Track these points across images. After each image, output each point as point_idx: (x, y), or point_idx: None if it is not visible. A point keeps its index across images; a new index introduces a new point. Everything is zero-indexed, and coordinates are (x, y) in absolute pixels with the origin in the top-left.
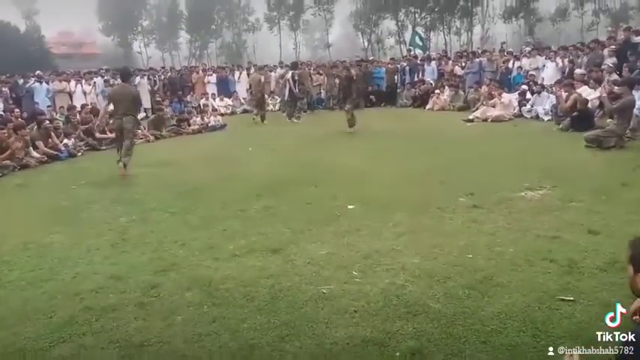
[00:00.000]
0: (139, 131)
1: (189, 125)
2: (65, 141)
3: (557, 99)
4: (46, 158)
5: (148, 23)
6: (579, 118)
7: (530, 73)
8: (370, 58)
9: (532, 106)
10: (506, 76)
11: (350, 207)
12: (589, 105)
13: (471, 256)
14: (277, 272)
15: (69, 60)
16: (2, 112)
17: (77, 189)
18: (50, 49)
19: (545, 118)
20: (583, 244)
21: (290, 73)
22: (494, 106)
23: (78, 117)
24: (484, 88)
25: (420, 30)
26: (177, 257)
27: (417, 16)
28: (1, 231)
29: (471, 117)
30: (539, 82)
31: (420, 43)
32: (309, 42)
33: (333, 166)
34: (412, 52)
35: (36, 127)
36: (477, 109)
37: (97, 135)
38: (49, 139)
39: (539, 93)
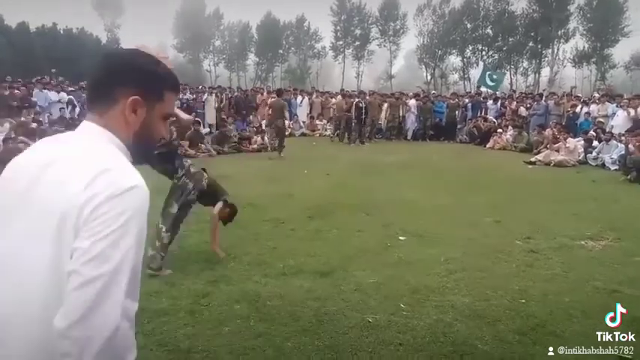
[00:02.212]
0: (204, 145)
1: (250, 144)
2: None
3: (627, 148)
4: None
5: (220, 43)
6: None
7: (598, 120)
8: (432, 92)
9: (598, 154)
10: (572, 121)
11: (401, 238)
12: None
13: (524, 301)
14: (324, 295)
15: None
16: (77, 117)
17: None
18: None
19: (612, 168)
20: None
21: (356, 100)
22: (558, 151)
23: None
24: (548, 131)
25: (488, 66)
26: (228, 269)
27: (483, 53)
28: None
29: (533, 159)
30: (607, 129)
31: (491, 83)
32: (372, 72)
33: (386, 196)
34: (485, 90)
35: None
36: (539, 151)
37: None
38: None
39: (607, 141)
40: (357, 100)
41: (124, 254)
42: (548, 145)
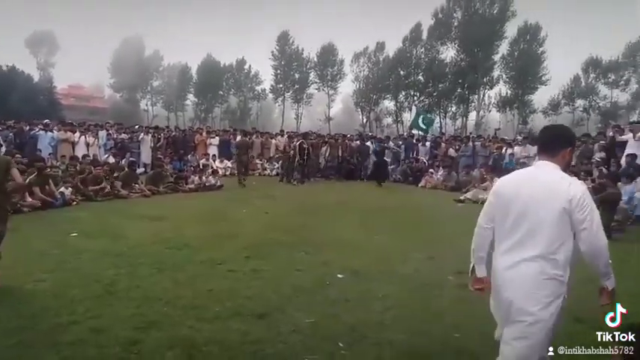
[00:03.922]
0: (137, 185)
1: (186, 183)
2: (62, 189)
3: None
4: (39, 204)
5: (159, 84)
6: None
7: (521, 160)
8: (369, 134)
9: None
10: (498, 162)
11: (339, 276)
12: None
13: (458, 335)
14: (262, 338)
15: (76, 112)
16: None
17: (67, 238)
18: (59, 99)
19: None
20: (569, 330)
21: (300, 141)
22: (486, 189)
23: (77, 167)
24: (476, 172)
25: (421, 110)
26: (160, 315)
27: (415, 98)
28: None
29: (462, 198)
30: None
31: (424, 126)
32: (311, 114)
33: (325, 234)
34: (418, 134)
35: (35, 173)
36: (467, 190)
37: (91, 187)
38: (46, 186)
39: None
40: (300, 140)
41: (597, 215)
42: (476, 185)
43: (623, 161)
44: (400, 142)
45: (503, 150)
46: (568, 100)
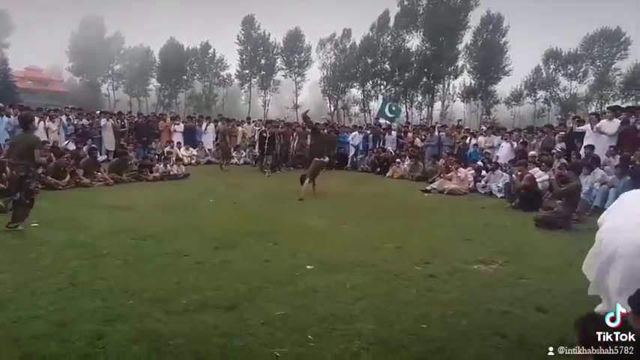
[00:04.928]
0: (100, 174)
1: (151, 172)
2: None
3: (511, 178)
4: None
5: (120, 67)
6: (527, 197)
7: (485, 151)
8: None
9: (486, 183)
10: (463, 152)
11: (308, 267)
12: (539, 186)
13: (425, 325)
14: (230, 331)
15: (34, 96)
16: None
17: (27, 228)
18: (15, 82)
19: (499, 195)
20: (532, 320)
21: (261, 130)
22: (450, 180)
23: None
24: (441, 161)
25: (387, 99)
26: (126, 307)
27: (382, 87)
28: None
29: (428, 188)
30: (493, 160)
31: (391, 115)
32: (279, 101)
33: (294, 224)
34: (385, 123)
35: None
36: (433, 180)
37: (49, 178)
38: (2, 174)
39: (493, 170)
40: (261, 129)
41: None
42: (441, 175)
43: (582, 152)
44: (368, 132)
45: (468, 140)
46: (530, 91)
